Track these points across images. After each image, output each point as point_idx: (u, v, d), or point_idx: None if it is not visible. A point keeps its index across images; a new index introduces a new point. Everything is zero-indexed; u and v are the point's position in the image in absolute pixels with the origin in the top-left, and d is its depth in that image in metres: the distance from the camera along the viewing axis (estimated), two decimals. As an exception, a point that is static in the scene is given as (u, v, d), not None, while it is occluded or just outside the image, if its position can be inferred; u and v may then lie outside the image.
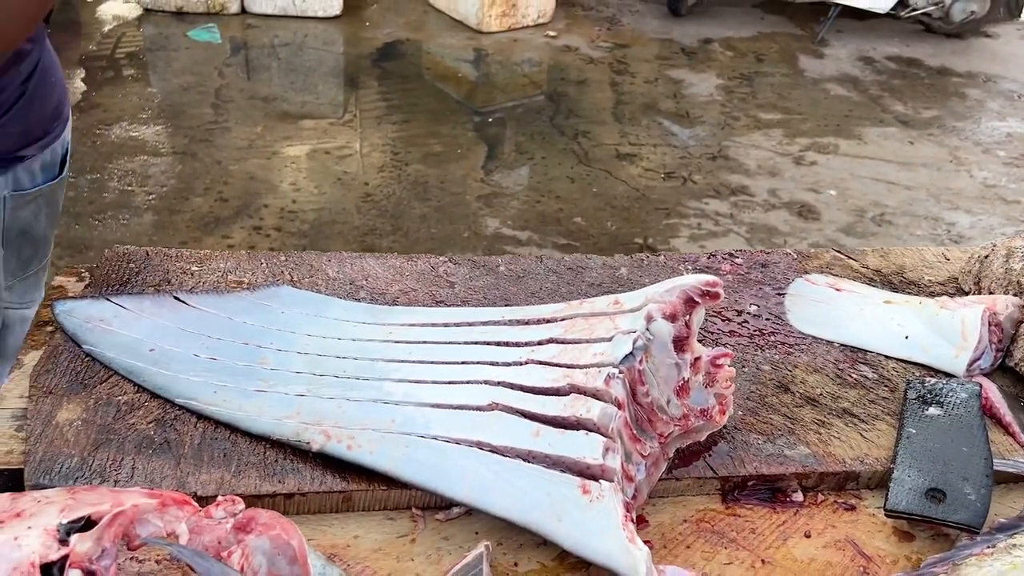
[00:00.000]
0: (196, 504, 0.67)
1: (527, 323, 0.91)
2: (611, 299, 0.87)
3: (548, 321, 0.90)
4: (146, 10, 5.15)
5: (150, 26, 5.05)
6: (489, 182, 3.77)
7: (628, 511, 0.72)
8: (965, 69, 5.50)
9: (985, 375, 0.95)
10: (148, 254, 1.02)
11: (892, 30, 5.91)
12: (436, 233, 3.40)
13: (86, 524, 0.63)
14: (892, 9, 5.60)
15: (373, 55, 4.90)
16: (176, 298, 0.95)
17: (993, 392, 0.91)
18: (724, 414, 0.84)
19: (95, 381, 0.83)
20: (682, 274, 1.08)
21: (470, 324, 0.94)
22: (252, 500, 0.72)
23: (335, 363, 0.88)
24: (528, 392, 0.80)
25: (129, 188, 3.55)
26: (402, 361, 0.88)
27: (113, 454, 0.75)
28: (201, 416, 0.81)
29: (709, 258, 1.13)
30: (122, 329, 0.89)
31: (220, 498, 0.67)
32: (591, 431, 0.75)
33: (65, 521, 0.62)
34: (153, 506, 0.66)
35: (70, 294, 0.96)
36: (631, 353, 0.78)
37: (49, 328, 0.90)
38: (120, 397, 0.82)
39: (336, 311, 0.97)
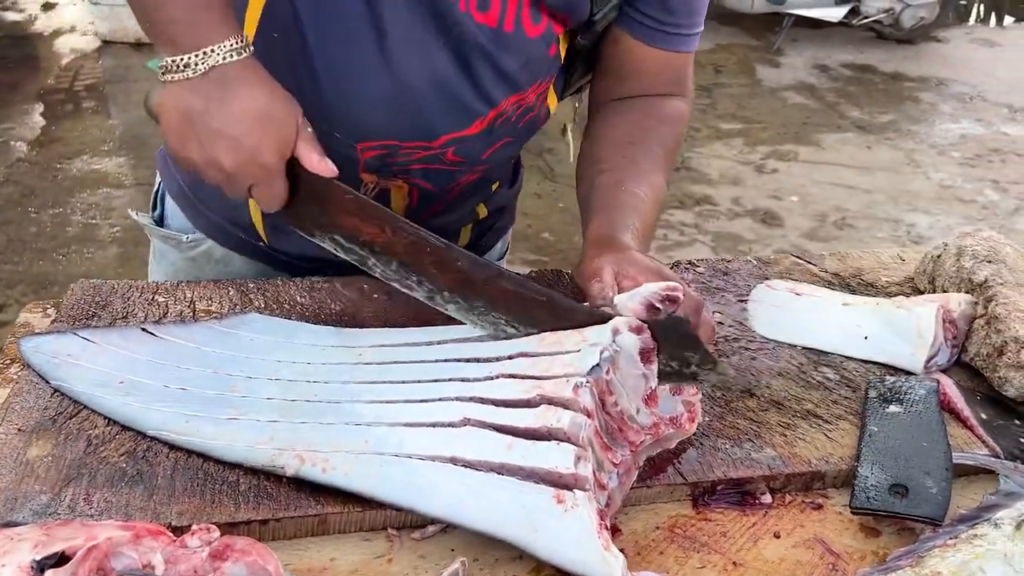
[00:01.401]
0: (171, 534, 0.67)
1: (498, 337, 0.93)
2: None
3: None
4: (104, 42, 5.13)
5: (109, 58, 5.03)
6: (456, 201, 3.79)
7: (602, 519, 0.74)
8: (917, 74, 5.64)
9: (942, 371, 0.98)
10: (114, 287, 1.02)
11: (845, 38, 6.05)
12: (405, 254, 3.41)
13: (60, 559, 0.63)
14: (844, 17, 5.73)
15: (335, 79, 4.92)
16: (144, 330, 0.95)
17: (950, 387, 0.94)
18: (693, 422, 0.85)
19: (64, 416, 0.83)
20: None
21: (440, 342, 0.95)
22: (227, 528, 0.72)
23: (306, 387, 0.88)
24: (499, 405, 0.81)
25: (93, 221, 3.52)
26: (373, 382, 0.89)
27: (85, 488, 0.75)
28: (173, 447, 0.81)
29: (673, 268, 1.15)
30: (90, 363, 0.89)
31: (195, 527, 0.67)
32: (562, 441, 0.76)
33: (39, 557, 0.62)
34: (127, 538, 0.66)
35: (36, 330, 0.95)
36: (598, 364, 0.80)
37: (16, 366, 0.89)
38: (91, 431, 0.82)
39: (305, 336, 0.97)
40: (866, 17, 5.77)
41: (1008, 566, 0.72)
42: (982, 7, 7.18)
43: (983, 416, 0.91)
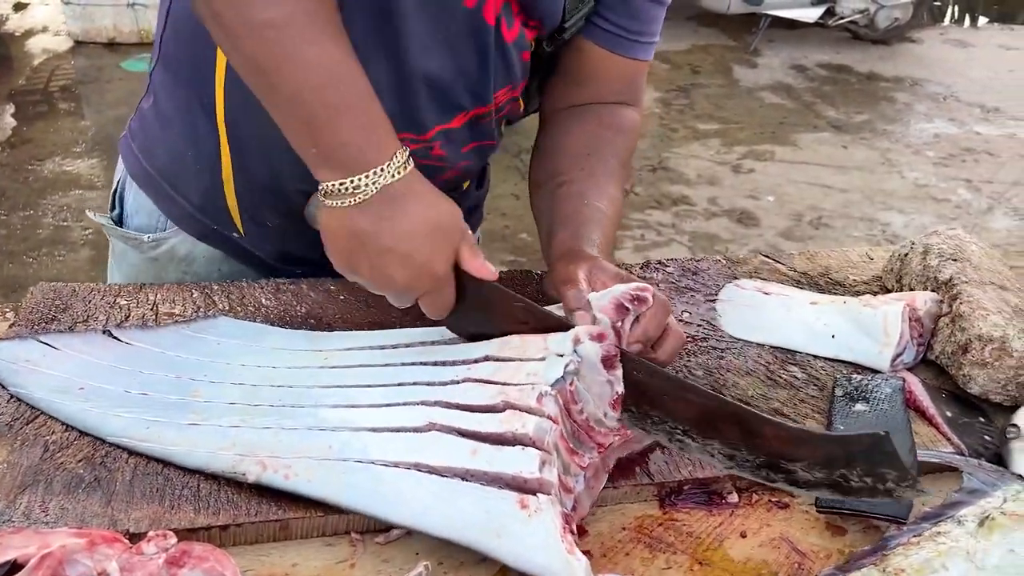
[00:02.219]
0: (126, 541, 0.66)
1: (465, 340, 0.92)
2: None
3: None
4: (77, 42, 5.07)
5: (82, 58, 4.97)
6: (433, 202, 3.77)
7: (568, 523, 0.73)
8: (892, 74, 5.69)
9: (908, 369, 0.98)
10: (75, 290, 1.00)
11: (821, 38, 6.09)
12: (382, 255, 3.39)
13: (12, 568, 0.62)
14: (820, 18, 5.77)
15: (312, 80, 4.88)
16: (108, 333, 0.93)
17: (916, 385, 0.94)
18: None
19: (21, 422, 0.81)
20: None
21: (407, 345, 0.94)
22: (187, 534, 0.71)
23: (270, 392, 0.87)
24: (465, 410, 0.80)
25: (64, 224, 3.48)
26: (338, 386, 0.88)
27: (41, 495, 0.74)
28: (133, 452, 0.79)
29: (642, 268, 1.15)
30: (51, 369, 0.88)
31: (151, 533, 0.66)
32: (527, 446, 0.75)
33: (-11, 566, 0.61)
34: (82, 546, 0.65)
35: (-5, 334, 0.94)
36: (562, 376, 0.79)
37: (-28, 370, 0.88)
38: (48, 437, 0.80)
39: (272, 339, 0.96)
40: (841, 18, 5.81)
41: (970, 563, 0.72)
42: (956, 8, 7.25)
43: (948, 414, 0.92)
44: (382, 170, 0.80)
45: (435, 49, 0.96)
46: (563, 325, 0.85)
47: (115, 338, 0.93)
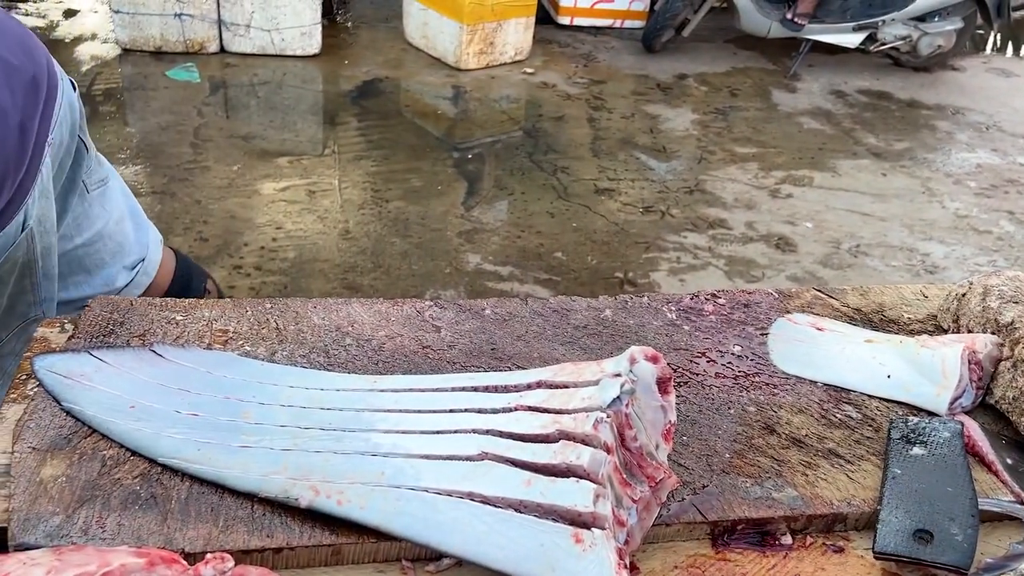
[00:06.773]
0: (184, 562, 0.67)
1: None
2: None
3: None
4: (124, 50, 5.15)
5: (128, 66, 5.06)
6: (469, 218, 3.79)
7: (621, 558, 0.72)
8: (934, 102, 5.62)
9: (967, 413, 0.96)
10: (132, 304, 1.01)
11: (862, 64, 6.04)
12: (417, 270, 3.40)
13: (72, 586, 0.63)
14: (862, 44, 5.72)
15: (352, 93, 4.94)
16: (153, 351, 0.93)
17: (975, 430, 0.92)
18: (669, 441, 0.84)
19: (79, 436, 0.82)
20: (666, 315, 1.10)
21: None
22: (240, 556, 0.72)
23: (320, 415, 0.87)
24: (517, 440, 0.80)
25: (107, 228, 3.52)
26: (389, 411, 0.87)
27: (98, 511, 0.74)
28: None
29: (692, 299, 1.14)
30: (102, 385, 0.88)
31: (209, 555, 0.66)
32: (581, 478, 0.75)
33: (51, 584, 0.61)
34: (141, 565, 0.65)
35: (53, 346, 0.95)
36: (618, 397, 0.79)
37: (33, 381, 0.89)
38: (105, 451, 0.81)
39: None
40: (883, 44, 5.75)
41: (1036, 620, 0.70)
42: (999, 37, 7.17)
43: (1008, 460, 0.90)
44: None
45: None
46: None
47: (159, 355, 0.93)
